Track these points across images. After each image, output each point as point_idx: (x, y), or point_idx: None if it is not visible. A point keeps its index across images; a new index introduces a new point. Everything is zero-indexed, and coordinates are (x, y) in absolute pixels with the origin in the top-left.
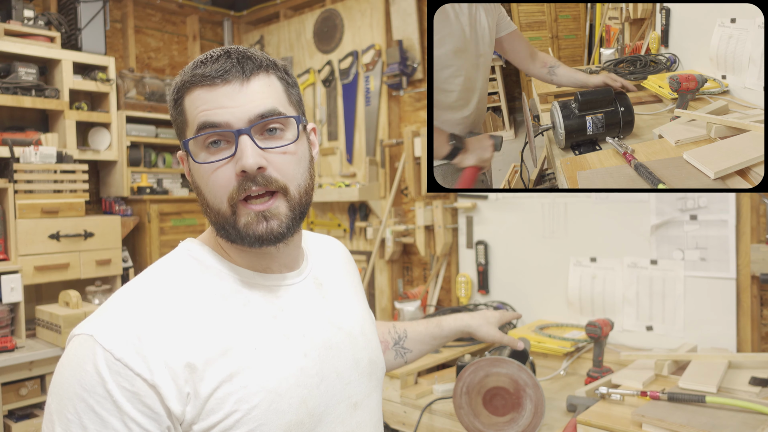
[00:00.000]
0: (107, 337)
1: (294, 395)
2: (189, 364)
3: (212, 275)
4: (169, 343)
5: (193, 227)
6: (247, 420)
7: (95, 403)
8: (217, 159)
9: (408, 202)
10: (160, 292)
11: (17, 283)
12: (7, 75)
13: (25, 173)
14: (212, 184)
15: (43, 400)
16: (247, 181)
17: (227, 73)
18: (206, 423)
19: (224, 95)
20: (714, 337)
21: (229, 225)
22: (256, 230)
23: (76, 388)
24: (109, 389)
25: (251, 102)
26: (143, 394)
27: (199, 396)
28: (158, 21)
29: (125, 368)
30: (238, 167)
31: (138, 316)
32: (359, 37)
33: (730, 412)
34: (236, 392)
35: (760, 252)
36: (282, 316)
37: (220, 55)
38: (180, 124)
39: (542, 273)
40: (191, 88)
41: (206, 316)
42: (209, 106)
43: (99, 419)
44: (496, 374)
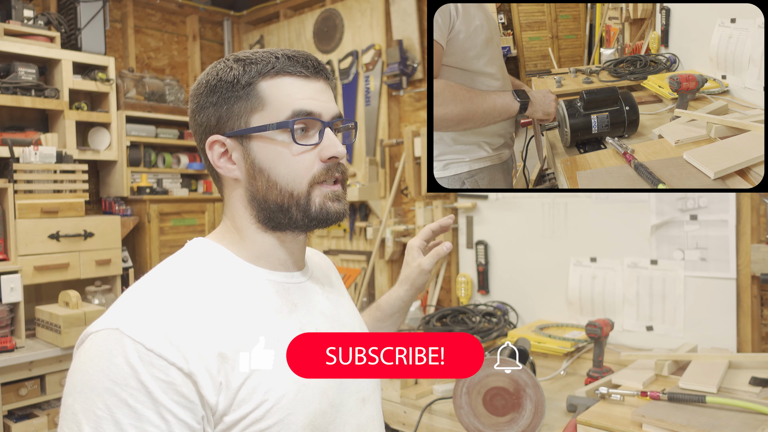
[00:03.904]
0: (135, 329)
1: (316, 385)
2: (221, 353)
3: (227, 269)
4: (199, 333)
5: (193, 227)
6: (277, 409)
7: (128, 396)
8: (308, 143)
9: (408, 202)
10: (179, 283)
11: (17, 283)
12: (6, 75)
13: (25, 173)
14: (295, 165)
15: (42, 400)
16: (333, 167)
17: (319, 72)
18: (238, 413)
19: (317, 90)
20: (714, 337)
21: (298, 206)
22: (331, 208)
23: (105, 382)
24: (143, 380)
25: (332, 102)
26: (179, 384)
27: (231, 386)
28: (158, 21)
29: (159, 358)
30: (329, 153)
31: (163, 307)
32: (359, 37)
33: (730, 413)
34: (266, 382)
35: (760, 252)
36: (296, 311)
37: (302, 54)
38: (244, 108)
39: (542, 273)
40: (280, 75)
41: (230, 307)
42: (305, 96)
43: (133, 412)
44: (496, 374)
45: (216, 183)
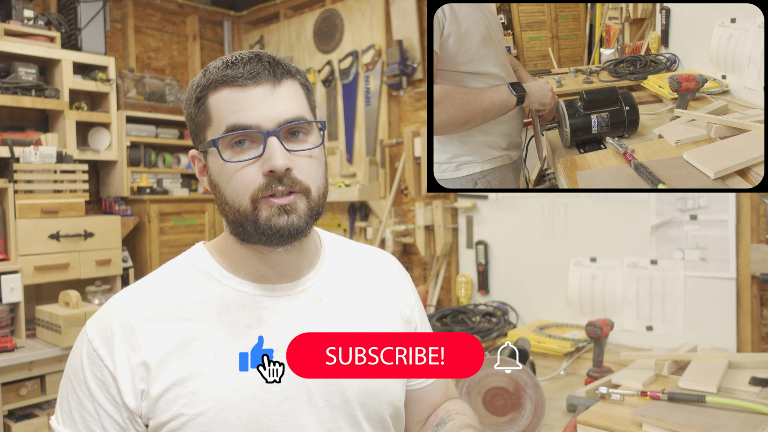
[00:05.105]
0: (92, 328)
1: (244, 409)
2: (144, 362)
3: (201, 281)
4: (133, 340)
5: (193, 227)
6: (193, 425)
7: (76, 385)
8: (244, 159)
9: (408, 202)
10: (143, 292)
11: (17, 283)
12: (7, 75)
13: (25, 173)
14: (236, 181)
15: (42, 400)
16: (273, 181)
17: (259, 76)
18: (156, 421)
19: (255, 97)
20: (714, 337)
21: (249, 221)
22: (277, 222)
23: (68, 370)
24: (86, 376)
25: (281, 105)
26: (109, 384)
27: (150, 395)
28: (158, 21)
29: (98, 358)
30: (267, 167)
31: (119, 312)
32: (359, 37)
33: (730, 412)
34: (185, 396)
35: (760, 252)
36: (258, 327)
37: (251, 57)
38: (201, 123)
39: (542, 273)
40: (219, 87)
41: (175, 319)
42: (240, 108)
43: (78, 401)
44: (496, 374)
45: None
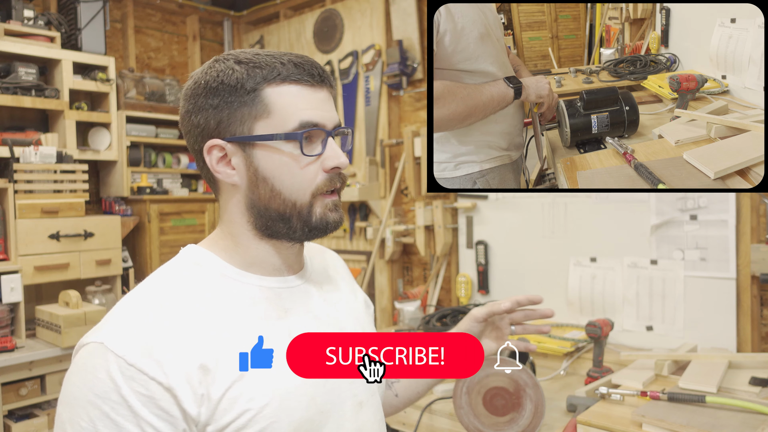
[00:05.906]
0: (118, 343)
1: (303, 393)
2: (202, 365)
3: (216, 278)
4: (181, 346)
5: (192, 227)
6: (260, 418)
7: (110, 409)
8: (312, 154)
9: (408, 202)
10: (166, 297)
11: (17, 283)
12: (7, 75)
13: (25, 173)
14: (300, 176)
15: (42, 400)
16: (336, 177)
17: (323, 81)
18: (220, 423)
19: (321, 99)
20: (714, 337)
21: (300, 216)
22: (331, 218)
23: (89, 395)
24: (124, 394)
25: (334, 110)
26: (158, 398)
27: (212, 397)
28: (158, 21)
29: (139, 373)
30: (332, 163)
31: (147, 320)
32: (359, 37)
33: (730, 412)
34: (247, 391)
35: (760, 252)
36: (286, 316)
37: (308, 61)
38: (245, 113)
39: (542, 273)
40: (286, 82)
41: (215, 317)
42: (311, 106)
43: (114, 425)
44: (496, 374)
45: (212, 186)
